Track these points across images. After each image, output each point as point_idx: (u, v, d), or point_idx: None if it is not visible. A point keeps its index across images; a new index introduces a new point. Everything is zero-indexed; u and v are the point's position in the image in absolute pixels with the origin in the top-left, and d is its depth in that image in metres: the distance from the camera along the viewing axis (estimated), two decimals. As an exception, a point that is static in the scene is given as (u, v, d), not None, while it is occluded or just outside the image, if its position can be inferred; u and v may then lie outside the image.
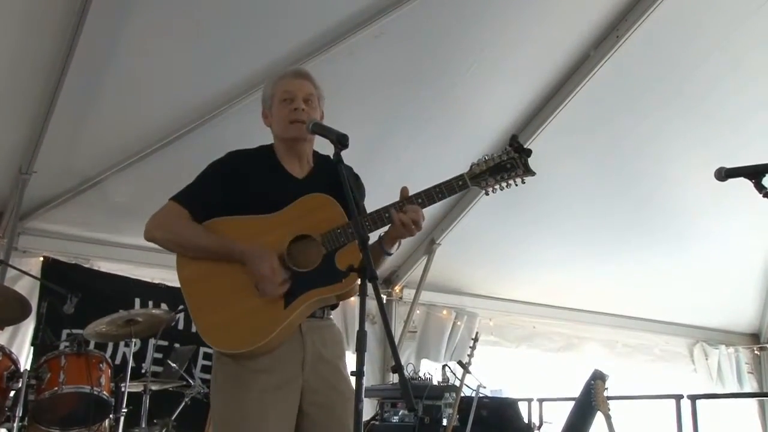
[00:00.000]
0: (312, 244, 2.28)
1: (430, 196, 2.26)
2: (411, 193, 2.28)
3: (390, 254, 2.37)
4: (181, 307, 4.58)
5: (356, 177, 2.50)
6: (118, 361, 5.12)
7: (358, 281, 2.00)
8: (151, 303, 5.40)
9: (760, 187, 2.24)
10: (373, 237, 2.34)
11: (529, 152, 2.27)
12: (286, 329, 2.22)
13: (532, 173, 2.27)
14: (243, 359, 2.23)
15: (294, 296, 2.22)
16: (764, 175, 2.24)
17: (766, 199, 2.24)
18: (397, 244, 2.36)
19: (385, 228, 2.31)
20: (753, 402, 8.14)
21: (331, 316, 2.46)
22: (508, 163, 2.26)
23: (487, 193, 2.32)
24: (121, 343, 5.29)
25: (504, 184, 2.28)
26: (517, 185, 2.30)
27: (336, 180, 2.16)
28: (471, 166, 2.28)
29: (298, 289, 2.23)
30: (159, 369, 4.77)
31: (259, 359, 2.21)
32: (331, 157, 2.18)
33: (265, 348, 2.20)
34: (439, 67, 4.95)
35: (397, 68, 4.88)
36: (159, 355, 5.12)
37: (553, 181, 6.09)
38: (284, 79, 2.49)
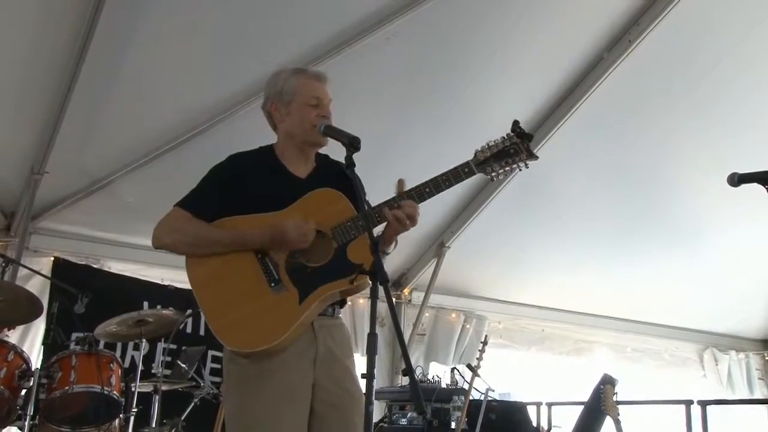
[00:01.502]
0: (323, 238, 2.29)
1: (437, 184, 2.28)
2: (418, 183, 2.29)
3: (387, 254, 2.37)
4: (189, 311, 4.64)
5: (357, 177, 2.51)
6: (126, 364, 5.13)
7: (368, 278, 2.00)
8: (159, 306, 5.40)
9: (773, 193, 2.23)
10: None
11: (530, 137, 2.31)
12: (301, 326, 2.22)
13: (535, 157, 2.31)
14: (257, 358, 2.22)
15: (308, 291, 2.23)
16: (777, 181, 2.22)
17: (778, 204, 2.23)
18: (394, 243, 2.36)
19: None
20: (763, 408, 8.10)
21: (340, 315, 2.46)
22: (512, 148, 2.30)
23: (492, 179, 2.37)
24: (130, 347, 5.30)
25: (508, 169, 2.31)
26: (521, 170, 2.34)
27: (339, 178, 2.17)
28: (475, 153, 2.31)
29: (312, 284, 2.23)
30: (168, 372, 4.78)
31: (273, 358, 2.21)
32: (336, 160, 2.18)
33: (280, 346, 2.20)
34: (451, 67, 4.95)
35: (408, 68, 4.88)
36: (168, 358, 5.13)
37: (563, 185, 6.08)
38: (308, 79, 2.47)
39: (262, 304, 2.24)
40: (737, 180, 2.31)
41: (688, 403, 5.23)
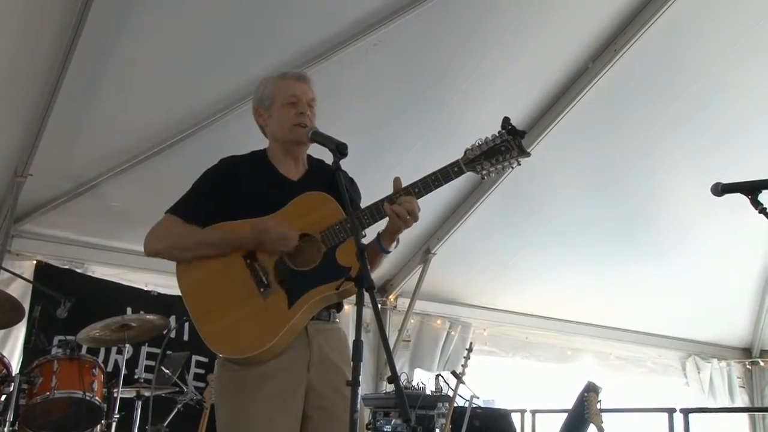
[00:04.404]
0: (312, 242, 2.28)
1: (426, 184, 2.25)
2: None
3: (388, 252, 2.35)
4: (173, 323, 4.61)
5: (351, 180, 2.50)
6: (109, 368, 5.08)
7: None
8: (142, 312, 5.36)
9: (756, 203, 2.24)
10: (371, 234, 2.33)
11: (522, 134, 2.25)
12: (291, 330, 2.20)
13: (527, 154, 2.24)
14: (249, 364, 2.21)
15: (297, 296, 2.21)
16: (760, 191, 2.24)
17: (761, 215, 2.25)
18: (395, 242, 2.34)
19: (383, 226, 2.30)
20: (744, 416, 8.16)
21: (337, 320, 2.43)
22: (503, 145, 2.24)
23: (483, 178, 2.31)
24: (113, 350, 5.24)
25: (500, 167, 2.26)
26: (513, 168, 2.28)
27: (331, 181, 2.16)
28: (465, 152, 2.27)
29: (301, 288, 2.22)
30: (150, 376, 4.74)
31: (265, 364, 2.20)
32: (330, 164, 2.18)
33: (271, 351, 2.18)
34: (438, 74, 4.97)
35: (396, 75, 4.89)
36: (151, 363, 5.08)
37: (549, 194, 6.12)
38: (287, 81, 2.47)
39: (251, 310, 2.23)
40: (720, 190, 2.33)
41: (671, 411, 5.27)
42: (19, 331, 4.94)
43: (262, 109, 2.48)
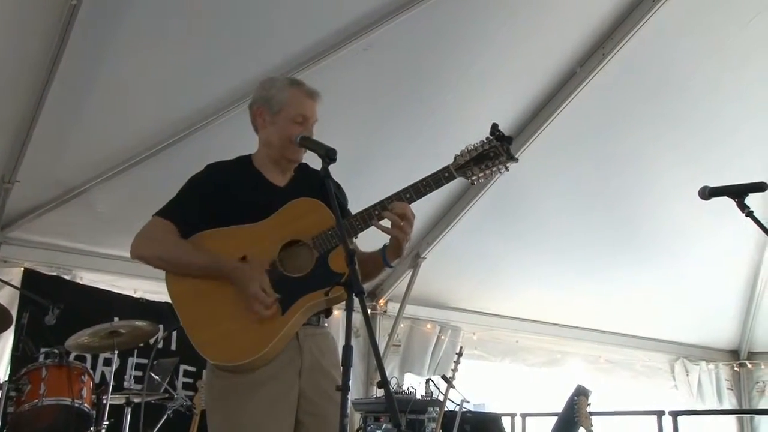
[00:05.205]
0: (303, 248, 2.28)
1: (417, 189, 2.27)
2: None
3: (390, 266, 2.37)
4: (161, 331, 4.58)
5: (338, 185, 2.50)
6: (97, 379, 5.01)
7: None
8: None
9: (742, 206, 2.28)
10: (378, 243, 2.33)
11: (510, 140, 2.29)
12: (284, 337, 2.20)
13: (515, 160, 2.29)
14: (241, 371, 2.20)
15: (290, 302, 2.21)
16: (747, 195, 2.28)
17: (748, 218, 2.28)
18: (399, 256, 2.35)
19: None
20: (732, 418, 8.21)
21: (326, 324, 2.44)
22: (491, 151, 2.27)
23: (473, 183, 2.35)
24: (100, 362, 5.19)
25: (489, 172, 2.29)
26: (501, 173, 2.32)
27: (318, 187, 2.18)
28: (455, 158, 2.30)
29: (294, 294, 2.22)
30: (139, 387, 4.71)
31: (258, 370, 2.19)
32: (315, 169, 2.19)
33: (264, 358, 2.18)
34: (427, 78, 4.97)
35: (385, 79, 4.90)
36: (139, 374, 5.05)
37: (538, 197, 6.14)
38: (300, 94, 2.45)
39: (244, 317, 2.22)
40: (708, 193, 2.36)
41: (660, 414, 5.29)
42: (7, 339, 4.89)
43: (265, 109, 2.45)
